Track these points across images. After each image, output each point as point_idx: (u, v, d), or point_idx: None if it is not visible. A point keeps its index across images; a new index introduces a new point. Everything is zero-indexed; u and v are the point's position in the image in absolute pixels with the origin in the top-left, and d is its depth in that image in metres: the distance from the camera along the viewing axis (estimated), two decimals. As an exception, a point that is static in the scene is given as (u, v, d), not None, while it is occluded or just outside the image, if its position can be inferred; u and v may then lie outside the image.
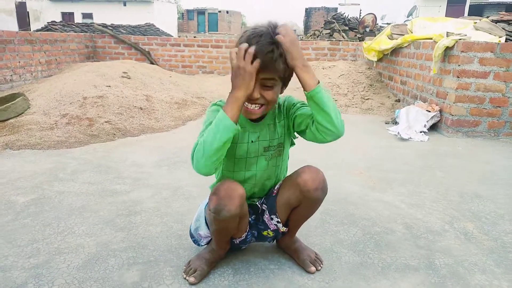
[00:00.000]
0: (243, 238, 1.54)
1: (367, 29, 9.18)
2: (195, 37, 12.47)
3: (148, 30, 10.98)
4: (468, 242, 1.83)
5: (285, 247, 1.67)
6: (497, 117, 3.85)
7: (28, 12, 25.96)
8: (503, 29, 4.30)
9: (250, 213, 1.54)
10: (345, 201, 2.24)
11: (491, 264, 1.66)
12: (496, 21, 4.56)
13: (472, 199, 2.34)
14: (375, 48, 5.83)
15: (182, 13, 37.30)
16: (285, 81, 1.33)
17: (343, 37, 9.04)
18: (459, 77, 3.75)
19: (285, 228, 1.56)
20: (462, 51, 3.69)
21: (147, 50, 7.69)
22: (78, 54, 7.20)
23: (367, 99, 5.38)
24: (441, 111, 4.04)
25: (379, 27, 10.15)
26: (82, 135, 3.44)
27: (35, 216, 1.97)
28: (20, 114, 3.76)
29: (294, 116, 1.42)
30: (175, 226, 1.90)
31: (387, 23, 13.91)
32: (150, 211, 2.06)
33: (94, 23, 9.60)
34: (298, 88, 1.40)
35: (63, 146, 3.19)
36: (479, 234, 1.92)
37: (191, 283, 1.46)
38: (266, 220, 1.54)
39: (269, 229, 1.55)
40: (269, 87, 1.27)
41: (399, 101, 5.21)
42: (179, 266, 1.57)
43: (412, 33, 5.15)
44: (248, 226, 1.54)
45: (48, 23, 9.31)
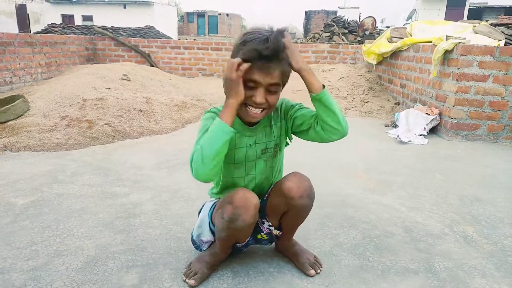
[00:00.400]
0: (245, 242, 1.55)
1: (367, 32, 9.21)
2: (195, 39, 12.48)
3: (148, 32, 11.02)
4: (468, 246, 1.83)
5: (284, 250, 1.67)
6: (496, 120, 3.86)
7: (28, 14, 25.98)
8: (502, 32, 4.31)
9: None
10: (344, 204, 2.24)
11: (491, 267, 1.66)
12: (495, 25, 4.57)
13: (472, 203, 2.34)
14: (374, 51, 5.84)
15: (182, 16, 37.37)
16: (284, 85, 1.37)
17: (342, 40, 9.06)
18: (458, 81, 3.76)
19: (279, 232, 1.57)
20: (462, 55, 3.70)
21: (147, 52, 7.70)
22: (78, 56, 7.20)
23: (366, 102, 5.39)
24: (440, 114, 4.04)
25: (378, 30, 10.19)
26: (82, 137, 3.44)
27: (34, 218, 1.97)
28: (20, 116, 3.76)
29: (294, 117, 1.44)
30: (174, 229, 1.90)
31: (386, 26, 13.95)
32: (149, 214, 2.06)
33: (94, 25, 9.63)
34: (298, 91, 1.40)
35: (62, 148, 3.19)
36: (479, 237, 1.92)
37: (191, 286, 1.45)
38: (259, 223, 1.54)
39: (262, 232, 1.56)
40: (274, 92, 1.31)
41: (398, 104, 5.22)
42: (178, 268, 1.57)
43: (411, 36, 5.16)
44: None
45: (48, 25, 9.33)
